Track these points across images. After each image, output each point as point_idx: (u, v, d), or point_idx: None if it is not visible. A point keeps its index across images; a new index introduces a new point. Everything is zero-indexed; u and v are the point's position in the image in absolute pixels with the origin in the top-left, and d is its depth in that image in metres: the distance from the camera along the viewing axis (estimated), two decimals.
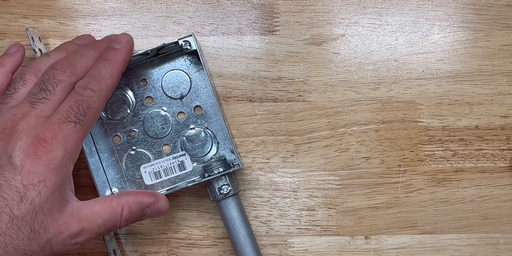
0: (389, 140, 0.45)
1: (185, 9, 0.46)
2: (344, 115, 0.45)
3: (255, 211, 0.46)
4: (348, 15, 0.46)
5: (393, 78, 0.45)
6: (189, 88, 0.45)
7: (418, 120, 0.45)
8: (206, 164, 0.43)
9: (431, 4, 0.46)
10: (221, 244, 0.46)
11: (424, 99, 0.45)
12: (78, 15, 0.46)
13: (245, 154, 0.46)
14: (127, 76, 0.45)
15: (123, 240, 0.46)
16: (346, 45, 0.46)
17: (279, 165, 0.46)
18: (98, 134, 0.45)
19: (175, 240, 0.46)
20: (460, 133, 0.45)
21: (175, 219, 0.46)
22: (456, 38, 0.45)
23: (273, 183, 0.46)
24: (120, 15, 0.46)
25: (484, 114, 0.45)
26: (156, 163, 0.45)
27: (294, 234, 0.45)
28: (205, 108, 0.45)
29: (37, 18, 0.46)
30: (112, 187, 0.45)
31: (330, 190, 0.45)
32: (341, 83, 0.45)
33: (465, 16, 0.45)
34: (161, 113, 0.45)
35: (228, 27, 0.46)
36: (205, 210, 0.46)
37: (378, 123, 0.45)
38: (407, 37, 0.45)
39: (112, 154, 0.45)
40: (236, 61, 0.46)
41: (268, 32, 0.46)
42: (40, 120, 0.35)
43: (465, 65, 0.45)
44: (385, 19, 0.46)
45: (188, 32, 0.46)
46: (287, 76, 0.46)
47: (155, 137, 0.45)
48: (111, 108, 0.45)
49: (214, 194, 0.43)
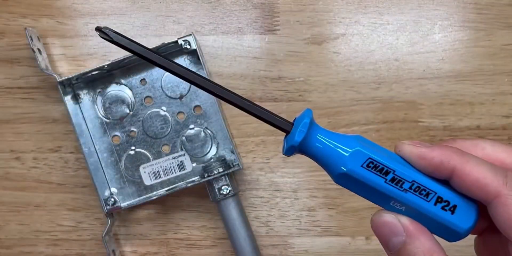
0: (390, 140, 0.45)
1: (184, 8, 0.46)
2: (345, 115, 0.45)
3: (255, 212, 0.45)
4: (349, 15, 0.45)
5: (394, 77, 0.45)
6: (188, 88, 0.45)
7: (419, 120, 0.45)
8: (206, 164, 0.43)
9: (432, 3, 0.45)
10: (221, 244, 0.46)
11: (425, 99, 0.45)
12: (77, 14, 0.46)
13: (245, 154, 0.45)
14: (127, 76, 0.45)
15: (122, 240, 0.46)
16: (347, 44, 0.45)
17: (279, 165, 0.45)
18: (97, 134, 0.45)
19: (175, 241, 0.46)
20: (461, 133, 0.45)
21: (175, 220, 0.46)
22: (457, 38, 0.45)
23: (273, 184, 0.45)
24: (119, 15, 0.46)
25: (485, 114, 0.45)
26: (156, 163, 0.44)
27: (295, 235, 0.45)
28: (205, 108, 0.44)
29: (36, 18, 0.46)
30: (111, 187, 0.44)
31: (331, 191, 0.45)
32: (342, 83, 0.45)
33: (466, 15, 0.45)
34: (160, 113, 0.45)
35: (228, 27, 0.46)
36: (205, 211, 0.46)
37: (379, 123, 0.45)
38: (408, 37, 0.45)
39: (111, 154, 0.45)
40: (236, 60, 0.46)
41: (268, 32, 0.46)
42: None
43: (466, 65, 0.45)
44: (386, 18, 0.45)
45: (187, 31, 0.46)
46: (288, 76, 0.45)
47: (155, 137, 0.45)
48: (110, 108, 0.45)
49: (214, 195, 0.42)
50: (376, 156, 0.25)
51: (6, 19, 0.46)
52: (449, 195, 0.25)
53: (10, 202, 0.47)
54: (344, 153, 0.25)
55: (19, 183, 0.47)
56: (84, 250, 0.46)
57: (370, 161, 0.25)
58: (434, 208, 0.25)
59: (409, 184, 0.25)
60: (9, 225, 0.47)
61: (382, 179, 0.25)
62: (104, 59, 0.46)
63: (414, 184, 0.25)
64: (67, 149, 0.46)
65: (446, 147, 0.25)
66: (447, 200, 0.25)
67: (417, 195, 0.25)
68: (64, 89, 0.44)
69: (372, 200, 0.26)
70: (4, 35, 0.46)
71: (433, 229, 0.25)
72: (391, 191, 0.25)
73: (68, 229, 0.46)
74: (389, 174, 0.25)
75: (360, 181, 0.25)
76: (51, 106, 0.46)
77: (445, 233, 0.26)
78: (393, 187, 0.25)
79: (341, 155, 0.25)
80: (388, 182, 0.25)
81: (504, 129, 0.45)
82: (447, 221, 0.25)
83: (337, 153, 0.25)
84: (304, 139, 0.25)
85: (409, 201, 0.25)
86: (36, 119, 0.46)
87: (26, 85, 0.46)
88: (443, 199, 0.25)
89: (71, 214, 0.46)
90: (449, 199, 0.25)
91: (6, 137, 0.46)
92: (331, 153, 0.26)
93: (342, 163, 0.25)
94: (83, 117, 0.45)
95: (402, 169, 0.25)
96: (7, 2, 0.46)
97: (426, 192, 0.25)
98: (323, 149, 0.26)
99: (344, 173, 0.25)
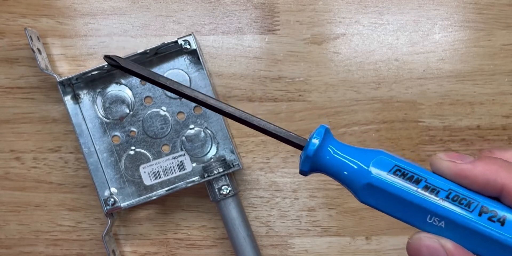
0: (390, 140, 0.45)
1: (184, 8, 0.46)
2: (345, 115, 0.45)
3: (255, 212, 0.45)
4: (349, 14, 0.45)
5: (394, 77, 0.45)
6: None
7: (419, 120, 0.45)
8: (206, 164, 0.43)
9: (432, 3, 0.45)
10: (220, 244, 0.46)
11: (425, 99, 0.45)
12: (77, 14, 0.46)
13: (245, 154, 0.45)
14: (126, 76, 0.45)
15: (122, 240, 0.46)
16: (347, 44, 0.45)
17: (279, 165, 0.45)
18: (97, 134, 0.45)
19: (175, 241, 0.46)
20: (461, 133, 0.45)
21: (175, 220, 0.46)
22: (458, 38, 0.45)
23: (273, 184, 0.45)
24: (119, 14, 0.46)
25: (485, 114, 0.45)
26: (156, 163, 0.44)
27: (295, 235, 0.45)
28: (205, 108, 0.44)
29: (36, 18, 0.46)
30: (111, 187, 0.44)
31: (331, 191, 0.45)
32: (342, 83, 0.45)
33: (466, 15, 0.45)
34: (160, 113, 0.45)
35: (228, 26, 0.46)
36: (205, 211, 0.46)
37: (379, 123, 0.45)
38: (408, 37, 0.45)
39: (111, 154, 0.45)
40: (236, 60, 0.46)
41: (268, 32, 0.46)
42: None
43: (466, 65, 0.45)
44: (386, 18, 0.45)
45: (187, 31, 0.46)
46: (288, 76, 0.45)
47: (155, 137, 0.45)
48: (110, 108, 0.45)
49: (214, 195, 0.42)
50: (403, 163, 0.22)
51: (6, 19, 0.46)
52: (495, 204, 0.21)
53: (10, 202, 0.47)
54: (366, 164, 0.22)
55: (19, 183, 0.46)
56: (84, 250, 0.46)
57: (397, 169, 0.22)
58: (479, 219, 0.20)
59: (445, 192, 0.21)
60: (9, 225, 0.47)
61: (413, 188, 0.21)
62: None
63: (452, 192, 0.21)
64: (67, 149, 0.46)
65: (491, 160, 0.21)
66: (493, 210, 0.20)
67: (457, 205, 0.21)
68: (64, 89, 0.44)
69: (406, 218, 0.22)
70: (4, 35, 0.46)
71: (482, 249, 0.21)
72: (426, 201, 0.21)
73: (68, 229, 0.46)
74: (420, 182, 0.21)
75: (388, 192, 0.21)
76: (51, 106, 0.46)
77: (496, 253, 0.21)
78: (427, 197, 0.21)
79: (364, 165, 0.22)
80: (421, 190, 0.21)
81: (504, 129, 0.45)
82: (496, 235, 0.20)
83: (358, 164, 0.22)
84: (321, 150, 0.23)
85: (448, 212, 0.21)
86: (36, 119, 0.46)
87: (26, 85, 0.46)
88: (488, 209, 0.21)
89: (71, 214, 0.46)
90: (496, 209, 0.20)
91: (6, 137, 0.46)
92: (352, 164, 0.22)
93: (366, 173, 0.22)
94: (83, 117, 0.45)
95: (435, 176, 0.22)
96: (7, 2, 0.46)
97: (467, 201, 0.21)
98: (343, 162, 0.23)
99: (368, 184, 0.22)
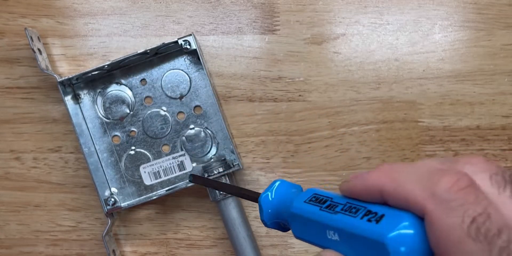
0: (390, 140, 0.45)
1: (184, 8, 0.46)
2: (345, 115, 0.45)
3: (255, 212, 0.45)
4: (349, 14, 0.45)
5: (394, 77, 0.45)
6: (188, 88, 0.45)
7: (419, 120, 0.45)
8: (206, 164, 0.43)
9: (432, 3, 0.45)
10: (220, 244, 0.46)
11: (425, 99, 0.45)
12: (77, 14, 0.46)
13: (245, 154, 0.45)
14: (126, 76, 0.45)
15: (122, 240, 0.46)
16: (347, 44, 0.45)
17: (279, 165, 0.45)
18: (97, 134, 0.45)
19: (175, 241, 0.46)
20: (461, 133, 0.45)
21: (175, 220, 0.46)
22: (457, 38, 0.45)
23: None
24: (119, 14, 0.46)
25: (485, 114, 0.45)
26: (156, 163, 0.44)
27: None
28: (205, 108, 0.44)
29: (36, 18, 0.46)
30: (111, 187, 0.44)
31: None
32: (342, 83, 0.45)
33: (466, 15, 0.45)
34: (160, 113, 0.45)
35: (228, 27, 0.46)
36: (205, 211, 0.46)
37: (379, 123, 0.45)
38: (408, 37, 0.45)
39: (112, 154, 0.45)
40: (236, 60, 0.46)
41: (268, 32, 0.46)
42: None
43: (466, 65, 0.45)
44: (386, 18, 0.45)
45: (187, 31, 0.46)
46: (288, 76, 0.45)
47: (155, 137, 0.45)
48: (110, 108, 0.45)
49: (214, 195, 0.42)
50: (324, 193, 0.25)
51: (6, 19, 0.46)
52: (380, 208, 0.21)
53: (10, 202, 0.47)
54: (294, 199, 0.26)
55: (19, 183, 0.46)
56: (84, 250, 0.46)
57: (314, 196, 0.25)
58: (360, 222, 0.21)
59: (342, 206, 0.23)
60: (9, 225, 0.47)
61: (317, 208, 0.24)
62: (104, 59, 0.46)
63: (347, 204, 0.23)
64: (67, 149, 0.46)
65: (379, 169, 0.23)
66: (375, 211, 0.21)
67: (346, 214, 0.22)
68: (64, 89, 0.44)
69: (317, 240, 0.24)
70: (4, 35, 0.46)
71: (366, 253, 0.21)
72: (324, 217, 0.23)
73: (68, 229, 0.46)
74: (326, 202, 0.24)
75: (303, 217, 0.25)
76: (51, 106, 0.46)
77: (376, 253, 0.20)
78: (326, 212, 0.23)
79: (292, 201, 0.26)
80: (323, 209, 0.24)
81: (504, 129, 0.45)
82: (369, 232, 0.21)
83: (290, 201, 0.26)
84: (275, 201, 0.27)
85: (338, 222, 0.22)
86: (36, 119, 0.46)
87: (26, 85, 0.46)
88: (371, 211, 0.22)
89: (71, 214, 0.46)
90: (377, 210, 0.21)
91: (6, 137, 0.46)
92: (285, 202, 0.27)
93: (290, 205, 0.26)
94: (83, 117, 0.45)
95: (340, 196, 0.24)
96: (7, 2, 0.46)
97: (356, 209, 0.22)
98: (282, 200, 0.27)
99: (291, 213, 0.25)
